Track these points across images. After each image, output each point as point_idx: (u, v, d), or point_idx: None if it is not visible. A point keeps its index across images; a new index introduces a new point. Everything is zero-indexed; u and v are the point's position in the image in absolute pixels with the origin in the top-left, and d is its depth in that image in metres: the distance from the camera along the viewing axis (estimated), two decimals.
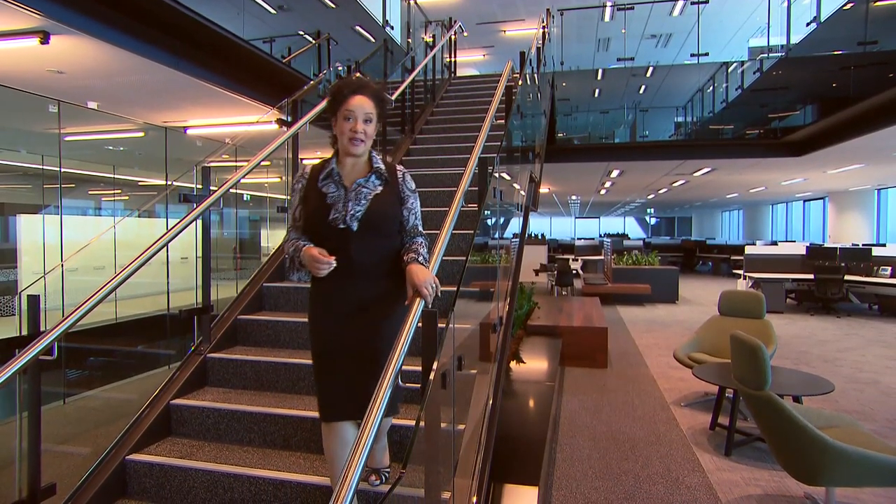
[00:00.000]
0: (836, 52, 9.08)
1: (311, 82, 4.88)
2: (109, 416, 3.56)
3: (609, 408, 4.73)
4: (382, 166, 1.96)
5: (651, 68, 13.11)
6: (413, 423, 2.34)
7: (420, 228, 2.02)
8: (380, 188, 1.93)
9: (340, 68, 6.50)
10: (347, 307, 1.87)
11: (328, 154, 1.99)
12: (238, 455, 2.37)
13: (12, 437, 2.08)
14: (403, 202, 1.98)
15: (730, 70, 12.04)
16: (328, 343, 1.90)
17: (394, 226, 1.95)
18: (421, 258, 1.87)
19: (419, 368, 1.76)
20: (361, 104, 1.84)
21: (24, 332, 2.07)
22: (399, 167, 2.03)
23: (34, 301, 2.09)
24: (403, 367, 1.60)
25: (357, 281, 1.86)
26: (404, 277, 1.82)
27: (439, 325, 1.78)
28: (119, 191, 10.39)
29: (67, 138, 7.49)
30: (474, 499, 2.16)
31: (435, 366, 1.66)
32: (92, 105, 6.52)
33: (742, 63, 11.96)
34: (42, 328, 2.08)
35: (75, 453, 2.88)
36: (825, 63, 9.40)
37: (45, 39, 4.27)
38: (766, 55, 11.54)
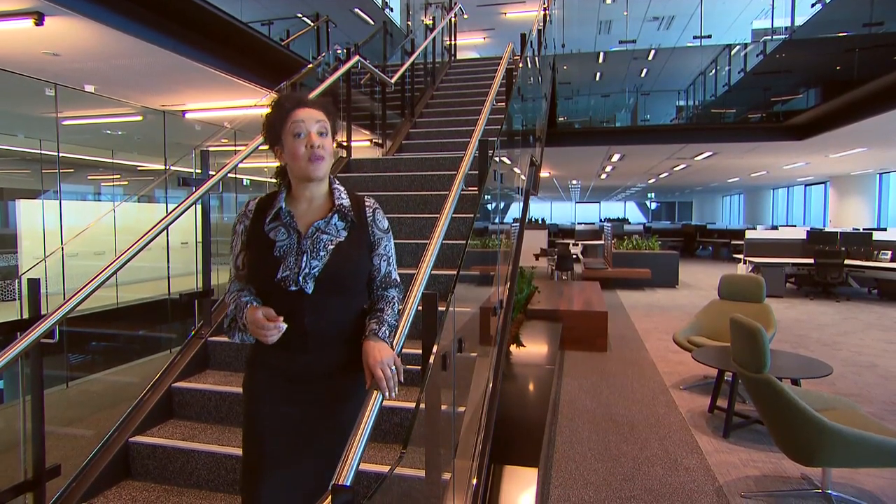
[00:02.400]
0: (840, 34, 8.98)
1: (310, 65, 4.84)
2: (112, 399, 3.59)
3: (608, 391, 4.76)
4: (347, 201, 1.50)
5: (653, 51, 12.98)
6: (413, 405, 2.35)
7: (394, 276, 1.59)
8: (344, 233, 1.47)
9: (340, 51, 6.43)
10: (297, 380, 1.46)
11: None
12: (239, 437, 2.38)
13: (17, 420, 2.09)
14: (374, 248, 1.54)
15: (732, 53, 11.93)
16: (268, 424, 1.44)
17: (361, 281, 1.52)
18: (385, 328, 1.46)
19: (419, 351, 1.77)
20: (310, 114, 1.44)
21: (26, 316, 2.07)
22: (368, 200, 1.56)
23: (34, 284, 2.09)
24: (403, 351, 1.61)
25: (311, 352, 1.44)
26: None
27: (440, 308, 1.79)
28: (118, 175, 10.35)
29: (65, 122, 7.43)
30: (474, 480, 2.18)
31: (435, 349, 1.66)
32: (89, 88, 6.47)
33: (745, 45, 11.85)
34: (43, 312, 2.08)
35: (79, 435, 2.91)
36: (829, 45, 9.30)
37: (39, 21, 4.21)
38: (769, 37, 11.42)
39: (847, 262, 9.77)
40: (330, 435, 1.44)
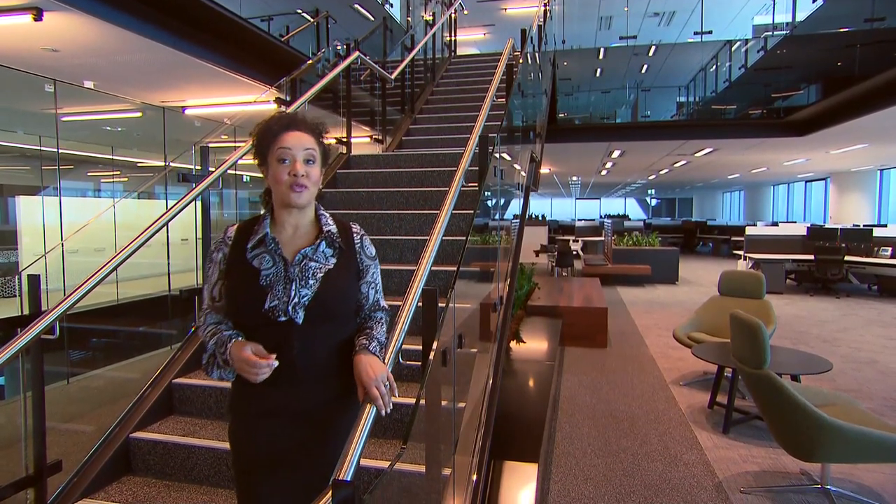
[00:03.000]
0: (842, 30, 8.95)
1: (310, 61, 4.82)
2: (113, 395, 3.59)
3: (608, 387, 4.77)
4: (334, 228, 1.45)
5: (653, 47, 12.94)
6: (413, 401, 2.36)
7: (383, 304, 1.56)
8: (332, 260, 1.42)
9: (339, 47, 6.41)
10: (285, 416, 1.38)
11: (330, 134, 1.54)
12: None
13: (18, 416, 2.10)
14: (362, 275, 1.49)
15: (733, 49, 11.89)
16: (258, 455, 1.39)
17: (351, 309, 1.47)
18: (375, 343, 1.43)
19: (419, 347, 1.77)
20: (299, 140, 1.38)
21: (26, 312, 2.08)
22: (355, 227, 1.52)
23: (34, 280, 2.09)
24: (404, 347, 1.61)
25: (300, 385, 1.37)
26: None
27: (440, 304, 1.79)
28: (118, 172, 10.34)
29: (64, 118, 7.43)
30: (475, 476, 2.19)
31: (435, 345, 1.67)
32: (88, 84, 6.45)
33: (746, 41, 11.81)
34: (43, 308, 2.08)
35: (80, 431, 2.91)
36: (830, 41, 9.28)
37: (38, 16, 4.20)
38: (770, 33, 11.40)
39: (847, 258, 9.76)
40: (324, 470, 1.30)
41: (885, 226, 12.17)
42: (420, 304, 1.79)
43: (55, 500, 2.06)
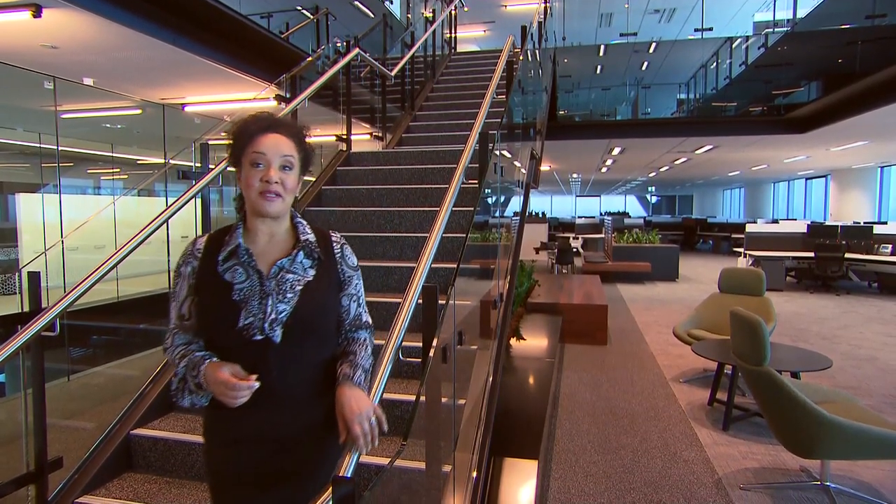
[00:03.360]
0: (843, 27, 8.93)
1: (309, 58, 4.82)
2: (113, 392, 3.59)
3: (608, 384, 4.77)
4: (312, 237, 1.35)
5: (654, 44, 12.93)
6: (413, 398, 2.36)
7: (365, 318, 1.44)
8: (311, 272, 1.31)
9: (339, 44, 6.40)
10: (264, 442, 1.27)
11: (330, 132, 1.48)
12: None
13: (19, 412, 2.10)
14: (343, 287, 1.38)
15: (734, 46, 11.88)
16: (236, 482, 1.29)
17: (332, 324, 1.37)
18: (359, 373, 1.31)
19: (420, 344, 1.78)
20: (276, 144, 1.26)
21: (26, 309, 2.08)
22: (334, 236, 1.41)
23: (35, 277, 2.09)
24: (404, 344, 1.61)
25: (280, 409, 1.26)
26: None
27: (440, 301, 1.79)
28: (118, 169, 10.34)
29: (64, 115, 7.42)
30: (475, 473, 2.19)
31: (435, 342, 1.67)
32: (88, 81, 6.44)
33: (747, 38, 11.80)
34: (44, 305, 2.08)
35: (81, 428, 2.92)
36: (832, 38, 9.26)
37: (37, 13, 4.18)
38: (771, 30, 11.37)
39: (847, 255, 9.77)
40: (306, 498, 1.20)
41: (886, 223, 12.16)
42: (420, 301, 1.79)
43: (56, 497, 2.06)
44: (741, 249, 11.19)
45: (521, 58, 4.46)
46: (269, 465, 1.26)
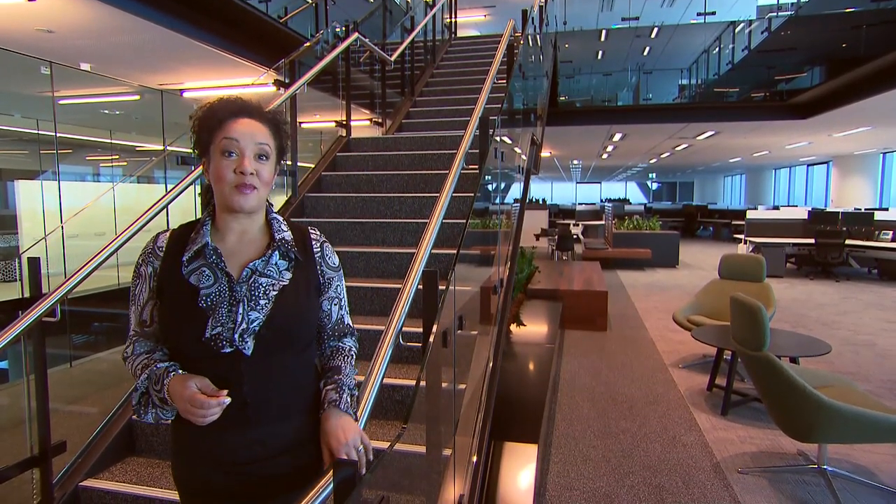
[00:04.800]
0: (848, 10, 8.83)
1: (308, 42, 4.77)
2: (116, 377, 3.61)
3: (608, 369, 4.79)
4: (289, 234, 1.20)
5: (656, 28, 12.79)
6: (413, 382, 2.37)
7: (347, 322, 1.30)
8: (287, 275, 1.17)
9: (338, 28, 6.33)
10: (234, 466, 1.13)
11: (329, 117, 1.31)
12: None
13: (23, 398, 2.11)
14: (323, 290, 1.24)
15: (737, 30, 11.76)
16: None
17: (311, 333, 1.23)
18: (346, 396, 1.18)
19: (420, 330, 1.78)
20: (250, 130, 1.13)
21: (27, 295, 2.08)
22: (314, 233, 1.27)
23: (35, 263, 2.09)
24: (404, 329, 1.62)
25: (251, 429, 1.12)
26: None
27: (440, 287, 1.79)
28: (117, 156, 10.31)
29: (62, 101, 7.38)
30: (475, 457, 2.21)
31: (435, 327, 1.67)
32: (85, 67, 6.39)
33: (750, 22, 11.67)
34: (45, 292, 2.08)
35: (84, 413, 2.94)
36: (836, 21, 9.17)
37: None
38: (774, 14, 11.24)
39: (848, 242, 9.76)
40: None
41: (887, 209, 12.14)
42: (420, 286, 1.79)
43: (60, 480, 2.08)
44: (741, 236, 11.18)
45: (521, 42, 4.42)
46: (243, 487, 1.14)
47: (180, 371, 1.09)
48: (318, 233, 1.28)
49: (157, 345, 1.18)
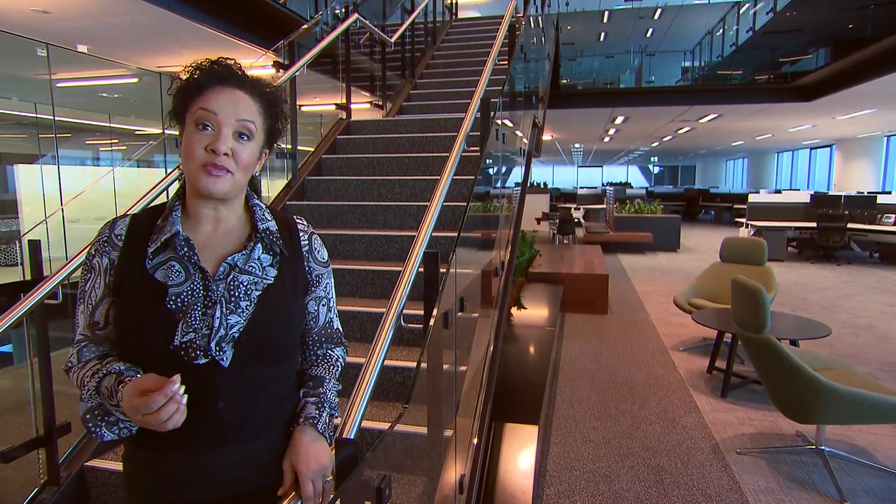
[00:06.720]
0: None
1: (307, 24, 4.71)
2: None
3: (608, 352, 4.82)
4: (273, 225, 1.03)
5: (659, 10, 12.63)
6: (414, 364, 2.38)
7: (337, 326, 1.15)
8: (272, 272, 1.00)
9: (338, 10, 6.25)
10: (213, 491, 0.96)
11: (329, 100, 1.14)
12: None
13: (27, 380, 2.13)
14: (311, 289, 1.08)
15: (741, 11, 11.60)
16: None
17: (297, 338, 1.08)
18: (325, 415, 1.02)
19: (421, 312, 1.78)
20: (233, 102, 0.94)
21: (28, 278, 2.08)
22: (300, 223, 1.10)
23: (35, 245, 2.09)
24: (405, 312, 1.62)
25: (229, 451, 0.96)
26: None
27: (441, 269, 1.79)
28: (116, 140, 10.25)
29: (59, 84, 7.31)
30: (475, 439, 2.23)
31: (435, 311, 1.67)
32: (82, 48, 6.33)
33: (755, 3, 11.50)
34: (46, 275, 2.09)
35: None
36: (842, 1, 9.03)
37: None
38: None
39: (850, 225, 9.73)
40: None
41: (890, 193, 12.08)
42: (421, 268, 1.79)
43: (66, 460, 2.11)
44: (743, 220, 11.16)
45: (523, 24, 4.36)
46: None
47: (133, 376, 0.89)
48: (304, 222, 1.11)
49: (110, 348, 0.99)
